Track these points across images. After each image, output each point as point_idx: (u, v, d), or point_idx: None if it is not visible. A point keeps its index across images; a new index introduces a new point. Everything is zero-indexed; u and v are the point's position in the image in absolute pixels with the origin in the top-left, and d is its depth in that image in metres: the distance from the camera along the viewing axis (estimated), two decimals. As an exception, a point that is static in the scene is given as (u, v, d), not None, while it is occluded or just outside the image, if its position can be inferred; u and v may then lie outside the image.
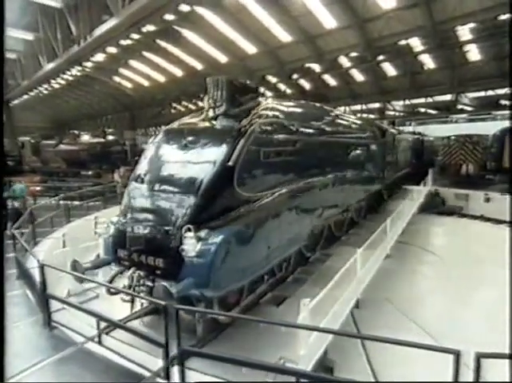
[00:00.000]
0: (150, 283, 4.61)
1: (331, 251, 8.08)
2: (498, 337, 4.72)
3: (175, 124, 6.00)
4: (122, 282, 5.01)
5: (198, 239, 4.23)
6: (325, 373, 4.23)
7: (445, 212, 16.30)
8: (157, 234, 4.53)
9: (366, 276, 6.20)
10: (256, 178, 5.08)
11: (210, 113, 5.56)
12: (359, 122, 10.58)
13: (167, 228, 4.46)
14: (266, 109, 5.74)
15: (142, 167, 5.47)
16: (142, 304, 5.25)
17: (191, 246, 4.19)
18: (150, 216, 4.78)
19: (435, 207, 16.55)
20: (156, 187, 4.94)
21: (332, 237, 8.41)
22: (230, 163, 4.58)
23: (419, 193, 14.32)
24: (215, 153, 4.78)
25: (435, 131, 26.86)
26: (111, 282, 5.05)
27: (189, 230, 4.22)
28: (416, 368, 4.53)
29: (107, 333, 4.68)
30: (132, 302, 5.15)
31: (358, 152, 8.97)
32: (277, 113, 5.94)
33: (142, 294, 4.56)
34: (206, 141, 5.03)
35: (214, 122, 5.41)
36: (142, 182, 5.18)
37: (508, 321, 4.38)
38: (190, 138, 5.21)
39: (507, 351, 3.52)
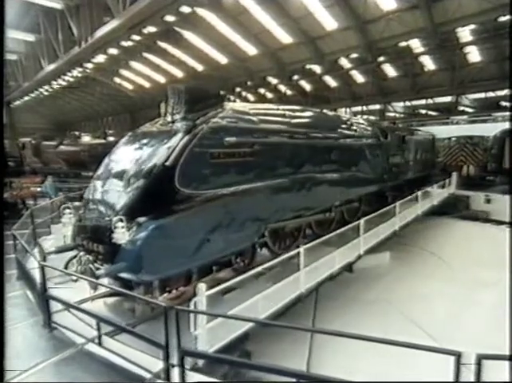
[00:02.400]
0: (92, 266, 5.19)
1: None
2: (501, 338, 4.72)
3: (138, 129, 6.64)
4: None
5: (130, 229, 4.75)
6: (244, 356, 4.76)
7: (469, 217, 15.64)
8: (99, 224, 5.14)
9: (313, 275, 6.46)
10: (201, 177, 5.43)
11: (169, 119, 6.04)
12: (344, 122, 10.32)
13: (107, 219, 5.01)
14: (221, 114, 6.03)
15: (102, 166, 6.15)
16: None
17: (120, 235, 4.69)
18: (98, 208, 5.44)
19: (458, 211, 16.03)
20: (107, 183, 5.60)
21: (315, 235, 8.65)
22: (168, 164, 5.05)
23: (434, 196, 13.89)
24: (158, 154, 5.28)
25: (436, 132, 26.81)
26: (66, 266, 5.73)
27: (120, 220, 4.72)
28: (416, 369, 4.53)
29: (108, 335, 4.67)
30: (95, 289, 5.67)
31: (340, 153, 8.75)
32: (231, 117, 6.18)
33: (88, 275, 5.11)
34: (155, 143, 5.56)
35: (169, 127, 5.87)
36: (98, 179, 5.89)
37: (508, 322, 4.38)
38: (143, 141, 5.86)
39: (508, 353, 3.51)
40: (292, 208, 7.27)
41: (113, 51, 27.66)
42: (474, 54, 22.26)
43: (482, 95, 25.96)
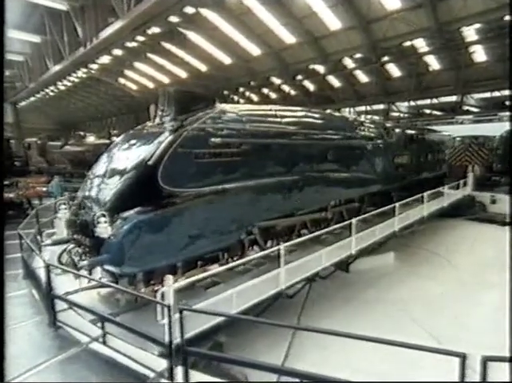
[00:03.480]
0: (74, 258, 5.77)
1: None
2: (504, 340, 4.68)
3: (130, 130, 6.94)
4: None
5: (113, 224, 5.01)
6: (215, 347, 4.98)
7: (486, 219, 15.17)
8: (87, 219, 5.40)
9: (297, 273, 6.58)
10: (185, 176, 5.62)
11: (158, 120, 6.31)
12: (340, 122, 10.31)
13: (92, 214, 5.28)
14: (208, 115, 6.19)
15: (95, 165, 6.49)
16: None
17: (102, 229, 4.96)
18: (87, 204, 5.73)
19: (473, 213, 15.62)
20: (96, 181, 5.96)
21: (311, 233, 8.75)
22: (150, 162, 5.30)
23: (446, 197, 13.57)
24: (143, 153, 5.54)
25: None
26: (59, 257, 6.42)
27: (103, 215, 5.00)
28: (420, 371, 4.52)
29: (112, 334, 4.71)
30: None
31: (334, 153, 8.69)
32: (218, 119, 6.35)
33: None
34: (142, 144, 5.83)
35: (157, 128, 6.08)
36: (89, 177, 6.26)
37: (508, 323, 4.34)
38: (133, 141, 6.15)
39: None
40: (281, 207, 7.33)
41: (118, 52, 27.78)
42: (479, 53, 22.09)
43: (487, 94, 25.75)
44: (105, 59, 28.93)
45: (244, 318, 5.14)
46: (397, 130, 12.78)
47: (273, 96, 34.35)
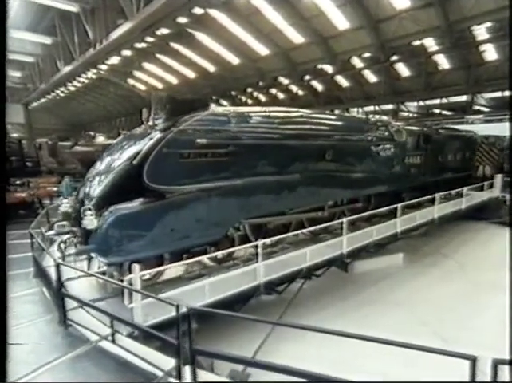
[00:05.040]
0: (62, 246, 6.75)
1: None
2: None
3: (127, 132, 7.41)
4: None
5: (99, 216, 5.49)
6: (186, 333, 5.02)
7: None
8: (78, 212, 5.92)
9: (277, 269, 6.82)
10: (170, 174, 5.97)
11: (151, 123, 6.67)
12: (339, 122, 10.17)
13: (83, 208, 5.78)
14: (196, 118, 6.46)
15: (94, 164, 6.98)
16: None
17: (88, 221, 5.48)
18: (82, 199, 6.28)
19: (499, 216, 14.85)
20: (91, 179, 6.47)
21: (311, 233, 9.04)
22: (135, 162, 5.74)
23: (469, 199, 13.16)
24: (131, 153, 5.96)
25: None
26: (59, 245, 7.06)
27: (89, 209, 5.55)
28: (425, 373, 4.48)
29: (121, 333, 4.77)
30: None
31: (332, 154, 8.65)
32: (206, 121, 6.59)
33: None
34: (133, 144, 6.26)
35: (148, 130, 6.44)
36: (88, 175, 6.76)
37: (508, 324, 4.27)
38: (125, 142, 6.61)
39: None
40: (269, 206, 7.50)
41: (127, 53, 28.10)
42: (490, 52, 21.76)
43: (498, 94, 25.35)
44: (115, 60, 29.26)
45: (245, 318, 5.14)
46: (409, 129, 12.22)
47: (281, 96, 34.32)
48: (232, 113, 7.27)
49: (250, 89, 34.96)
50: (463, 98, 25.82)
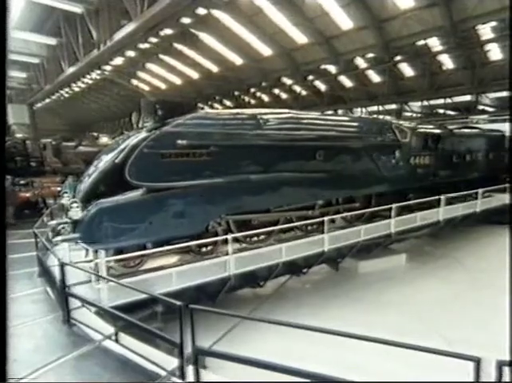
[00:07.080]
0: (51, 234, 7.71)
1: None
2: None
3: (121, 136, 7.95)
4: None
5: (84, 209, 6.27)
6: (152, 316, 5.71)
7: None
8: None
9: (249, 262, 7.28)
10: (151, 172, 6.49)
11: (140, 125, 7.24)
12: (331, 123, 10.17)
13: (70, 201, 6.59)
14: (179, 121, 6.88)
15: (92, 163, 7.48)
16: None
17: (73, 212, 6.29)
18: (76, 194, 6.96)
19: None
20: (85, 177, 7.06)
21: (301, 231, 9.39)
22: (117, 161, 6.34)
23: (486, 201, 12.64)
24: (117, 153, 6.52)
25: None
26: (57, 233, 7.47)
27: (75, 202, 6.39)
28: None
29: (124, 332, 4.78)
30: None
31: (323, 154, 8.78)
32: (189, 124, 7.01)
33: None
34: (121, 145, 6.71)
35: (137, 133, 6.94)
36: (85, 174, 7.29)
37: (508, 324, 4.23)
38: (115, 144, 7.15)
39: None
40: (251, 204, 7.93)
41: (131, 53, 28.19)
42: (495, 52, 21.61)
43: (503, 93, 25.16)
44: (118, 60, 29.36)
45: (245, 318, 5.16)
46: (414, 129, 11.91)
47: (285, 96, 34.29)
48: (214, 116, 7.82)
49: (253, 89, 34.97)
50: (468, 98, 25.66)
